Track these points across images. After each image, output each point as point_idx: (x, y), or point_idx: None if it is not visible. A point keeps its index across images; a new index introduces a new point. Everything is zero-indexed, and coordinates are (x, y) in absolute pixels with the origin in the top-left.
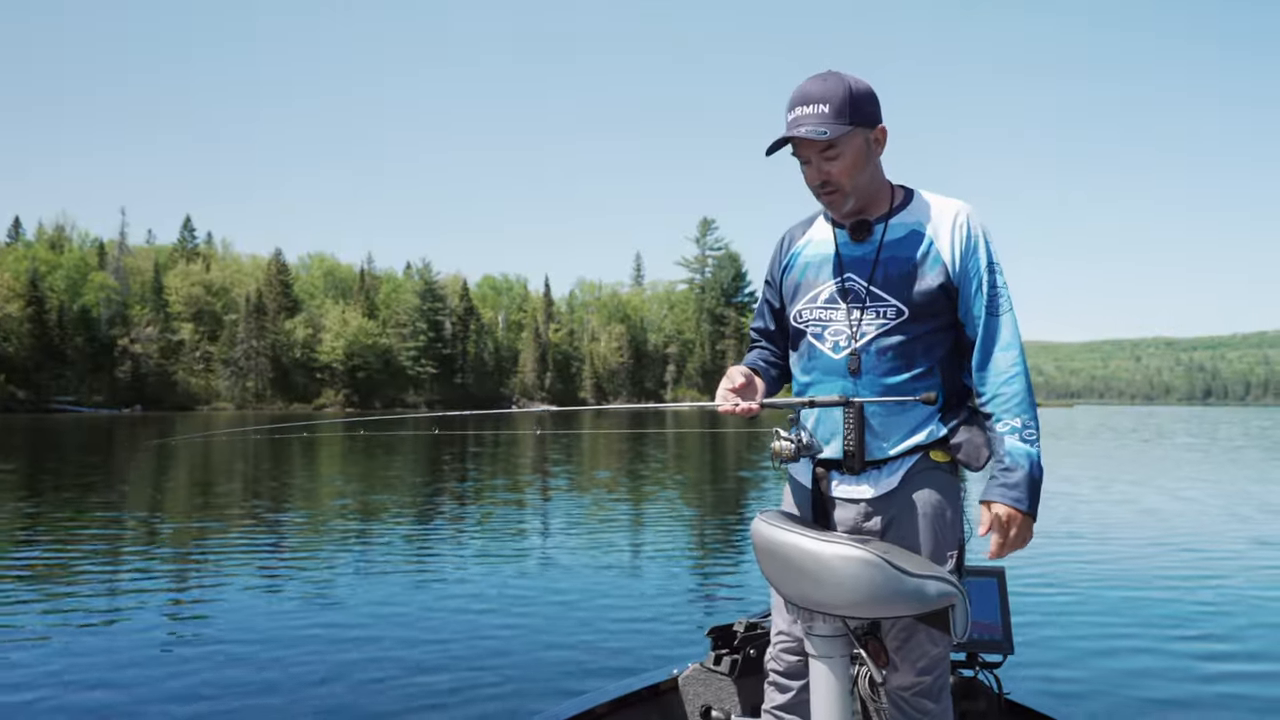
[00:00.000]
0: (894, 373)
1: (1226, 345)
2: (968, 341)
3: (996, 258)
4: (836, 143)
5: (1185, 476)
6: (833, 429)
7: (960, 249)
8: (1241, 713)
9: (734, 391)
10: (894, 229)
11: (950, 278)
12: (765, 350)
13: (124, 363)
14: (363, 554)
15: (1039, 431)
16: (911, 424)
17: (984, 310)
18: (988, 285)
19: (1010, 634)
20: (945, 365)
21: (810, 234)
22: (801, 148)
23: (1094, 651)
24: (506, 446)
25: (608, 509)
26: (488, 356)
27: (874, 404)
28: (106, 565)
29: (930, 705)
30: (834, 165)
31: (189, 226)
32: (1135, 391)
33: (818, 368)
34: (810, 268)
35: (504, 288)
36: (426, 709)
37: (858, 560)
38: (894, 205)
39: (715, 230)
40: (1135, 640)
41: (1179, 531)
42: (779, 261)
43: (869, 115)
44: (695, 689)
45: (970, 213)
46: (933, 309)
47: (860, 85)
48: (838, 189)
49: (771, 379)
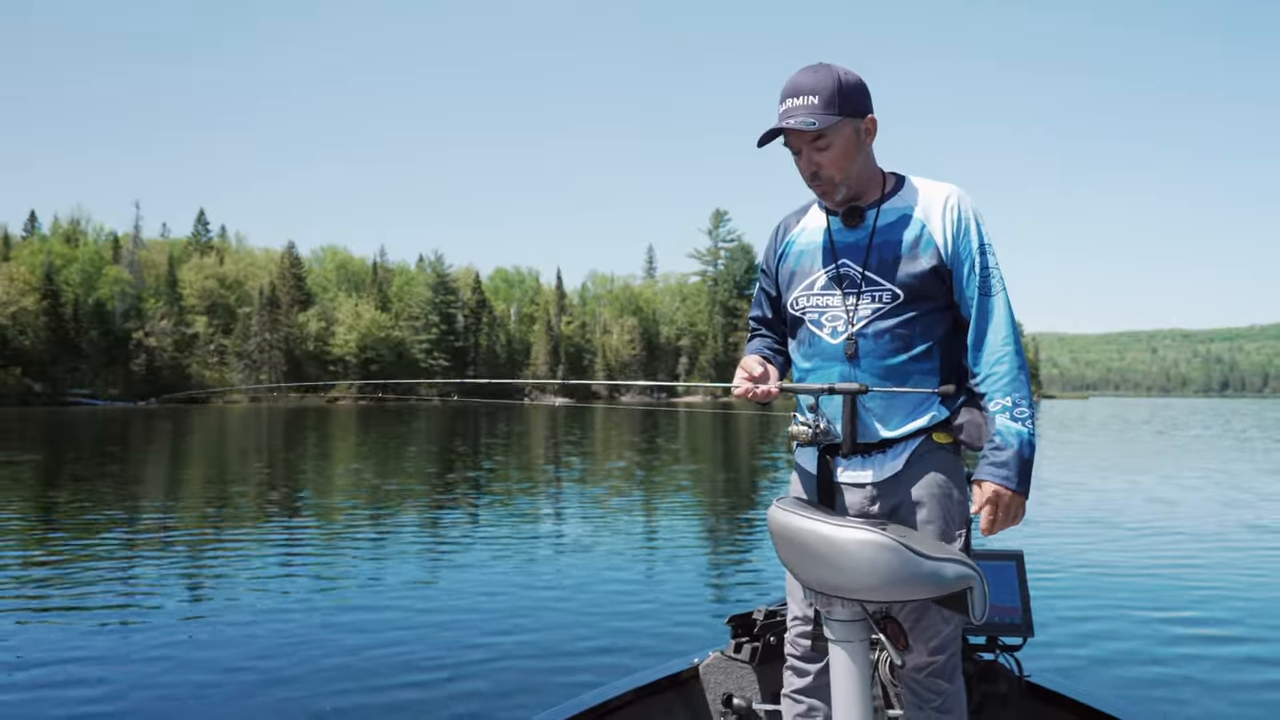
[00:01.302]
0: (892, 355)
1: (1244, 337)
2: (964, 323)
3: (988, 239)
4: (826, 133)
5: (1195, 466)
6: (833, 414)
7: (952, 232)
8: (1269, 692)
9: (752, 380)
10: (886, 214)
11: (943, 260)
12: (766, 338)
13: (139, 356)
14: (378, 545)
15: (1032, 411)
16: (912, 406)
17: (977, 291)
18: (980, 267)
19: (1030, 617)
20: (944, 346)
21: (804, 222)
22: (792, 139)
23: (1113, 633)
24: (519, 437)
25: (623, 499)
26: (500, 349)
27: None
28: (120, 558)
29: (945, 685)
30: (824, 156)
31: (203, 220)
32: (1151, 384)
33: (817, 354)
34: (805, 255)
35: (516, 280)
36: (445, 699)
37: (875, 544)
38: (886, 191)
39: (728, 222)
40: (1154, 621)
41: (1192, 517)
42: (774, 250)
43: (859, 106)
44: (716, 677)
45: (961, 196)
46: (927, 291)
47: (850, 76)
48: (829, 179)
49: (779, 366)
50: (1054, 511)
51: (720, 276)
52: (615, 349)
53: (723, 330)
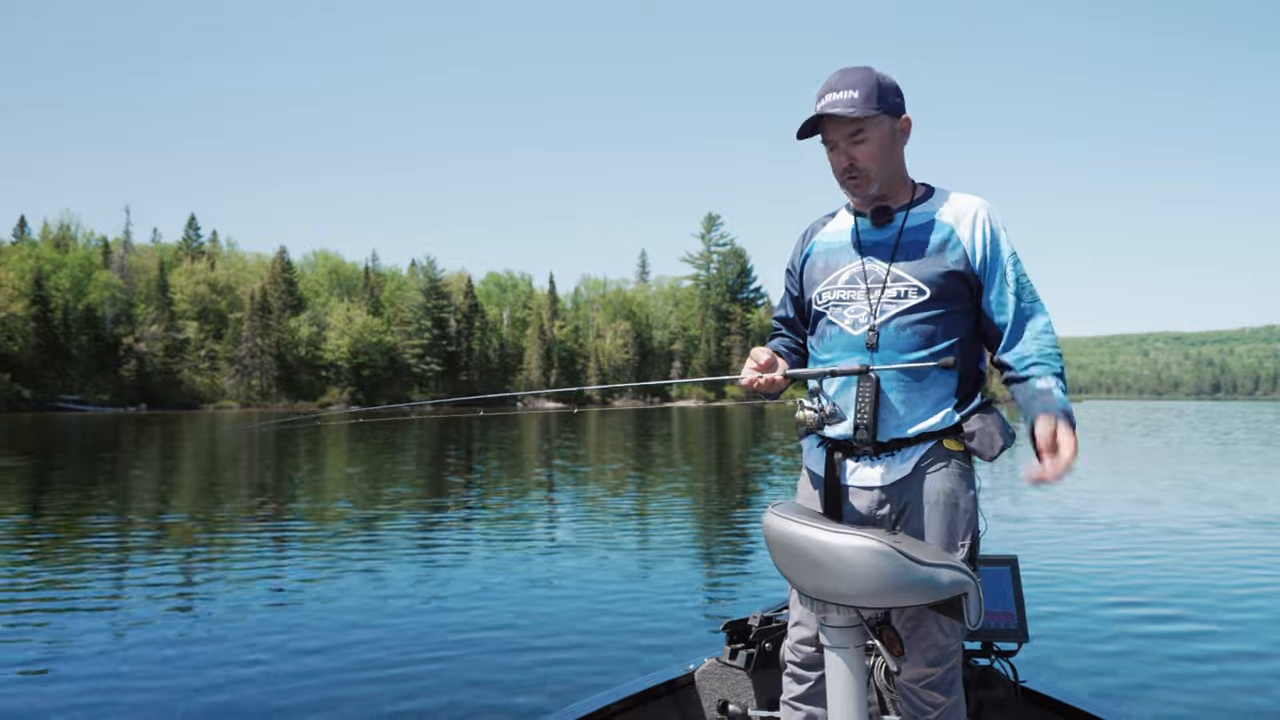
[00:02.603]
0: (912, 350)
1: (1235, 339)
2: (994, 330)
3: (1015, 250)
4: (864, 126)
5: (1186, 469)
6: (847, 407)
7: (982, 244)
8: (1260, 696)
9: (758, 369)
10: (915, 217)
11: (970, 267)
12: (786, 337)
13: (129, 361)
14: (371, 552)
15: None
16: (928, 405)
17: (1015, 299)
18: (1014, 276)
19: (1025, 622)
20: (964, 348)
21: (832, 225)
22: (830, 130)
23: (1108, 637)
24: (513, 443)
25: (618, 505)
26: (492, 354)
27: (892, 376)
28: (112, 563)
29: (940, 698)
30: (860, 149)
31: (194, 225)
32: (1143, 386)
33: (837, 345)
34: (831, 251)
35: (508, 285)
36: (440, 707)
37: (869, 550)
38: (915, 198)
39: (720, 226)
40: (1149, 625)
41: (1185, 519)
42: (800, 250)
43: (895, 105)
44: (712, 684)
45: (990, 208)
46: (953, 292)
47: (887, 77)
48: (863, 173)
49: (793, 363)
50: (1046, 515)
51: (713, 280)
52: (608, 353)
53: (715, 334)
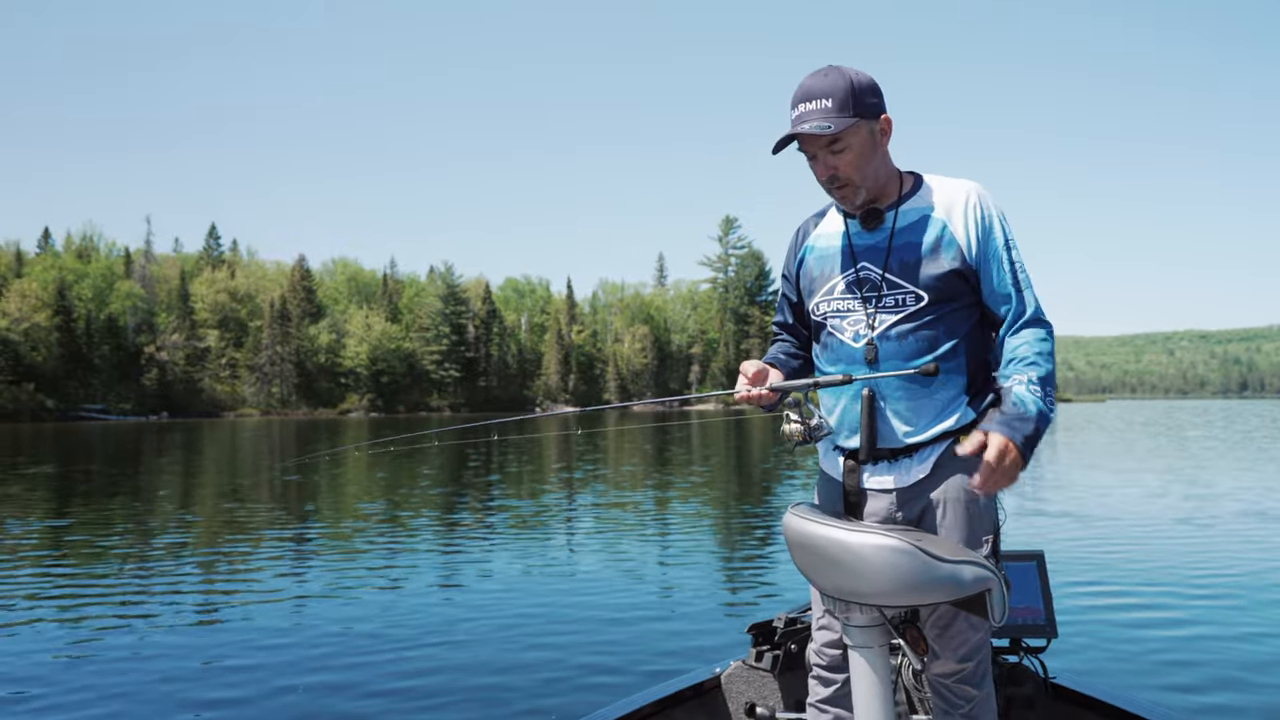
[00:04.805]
0: (916, 357)
1: (1262, 337)
2: (997, 320)
3: (1011, 235)
4: (841, 136)
5: (1214, 466)
6: (843, 419)
7: (976, 232)
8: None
9: (749, 382)
10: (905, 215)
11: (966, 261)
12: (786, 343)
13: (150, 370)
14: (392, 557)
15: (1051, 393)
16: (938, 407)
17: (1011, 287)
18: (1009, 263)
19: (1053, 618)
20: (970, 344)
21: (822, 226)
22: (807, 144)
23: (1137, 632)
24: (531, 449)
25: (639, 509)
26: (511, 359)
27: (892, 383)
28: (137, 569)
29: (973, 691)
30: (840, 159)
31: (214, 234)
32: (1169, 385)
33: (840, 358)
34: (825, 259)
35: (526, 290)
36: (467, 711)
37: (890, 549)
38: (904, 192)
39: (738, 229)
40: (1179, 619)
41: (1213, 514)
42: (794, 255)
43: (872, 106)
44: (738, 687)
45: (982, 193)
46: (950, 292)
47: (861, 78)
48: (847, 183)
49: (793, 370)
50: (1074, 510)
51: (731, 283)
52: (626, 358)
53: (734, 337)
